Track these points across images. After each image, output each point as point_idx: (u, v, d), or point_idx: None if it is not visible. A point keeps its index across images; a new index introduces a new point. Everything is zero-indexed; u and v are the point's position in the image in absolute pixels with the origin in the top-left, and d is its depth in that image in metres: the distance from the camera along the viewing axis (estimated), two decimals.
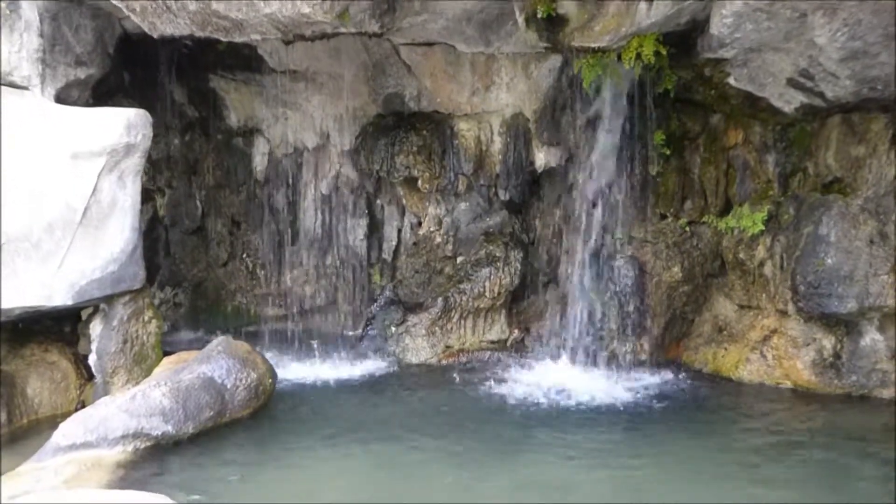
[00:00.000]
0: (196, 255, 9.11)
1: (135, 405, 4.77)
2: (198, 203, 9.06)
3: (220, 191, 8.97)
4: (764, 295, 6.65)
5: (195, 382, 5.05)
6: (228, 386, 5.23)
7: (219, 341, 5.65)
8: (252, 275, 9.01)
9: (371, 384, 6.65)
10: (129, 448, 4.73)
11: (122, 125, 6.16)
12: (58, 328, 6.88)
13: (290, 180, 8.86)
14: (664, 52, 5.55)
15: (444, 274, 7.78)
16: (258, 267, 9.01)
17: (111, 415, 4.73)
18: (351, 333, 8.64)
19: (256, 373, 5.43)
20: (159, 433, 4.78)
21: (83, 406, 6.48)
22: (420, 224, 8.17)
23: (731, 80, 6.28)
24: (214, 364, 5.28)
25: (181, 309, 9.10)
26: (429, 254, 8.01)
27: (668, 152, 6.75)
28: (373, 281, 8.78)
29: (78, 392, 6.64)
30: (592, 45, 5.49)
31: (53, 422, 6.29)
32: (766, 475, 4.72)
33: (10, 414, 6.17)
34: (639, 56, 5.45)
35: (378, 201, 8.72)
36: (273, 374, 5.74)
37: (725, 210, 7.01)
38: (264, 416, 5.58)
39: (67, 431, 4.69)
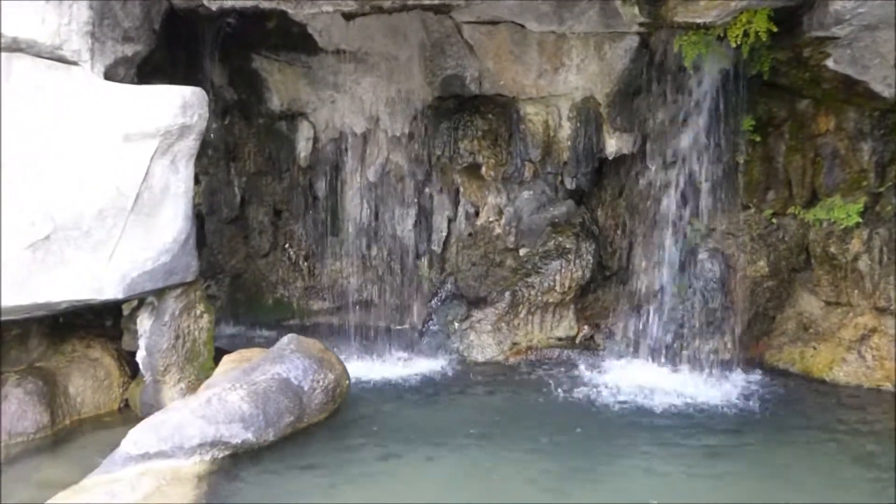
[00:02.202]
0: (234, 245, 8.66)
1: (211, 410, 4.34)
2: (236, 191, 8.61)
3: (261, 178, 8.52)
4: (857, 291, 6.26)
5: (272, 385, 4.62)
6: (305, 388, 4.80)
7: (289, 339, 5.21)
8: (295, 266, 8.57)
9: (439, 384, 6.24)
10: (207, 458, 4.30)
11: (178, 104, 5.71)
12: (99, 322, 6.49)
13: (336, 167, 8.44)
14: (774, 30, 5.12)
15: (504, 266, 7.36)
16: (301, 258, 8.57)
17: (186, 421, 4.29)
18: (398, 328, 8.24)
19: (333, 374, 5.00)
20: (239, 441, 4.35)
21: (126, 406, 6.10)
22: (477, 214, 7.74)
23: (830, 63, 5.87)
24: (289, 364, 4.84)
25: (218, 302, 8.64)
26: (487, 245, 7.58)
27: (757, 139, 6.33)
28: (421, 273, 8.36)
29: (121, 391, 6.25)
30: (697, 21, 5.07)
31: (97, 422, 5.94)
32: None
33: (54, 415, 5.77)
34: (745, 34, 5.02)
35: (427, 190, 8.28)
36: (348, 375, 5.32)
37: (811, 201, 6.60)
38: (339, 420, 5.16)
39: (138, 439, 4.26)
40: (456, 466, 4.64)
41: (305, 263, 8.56)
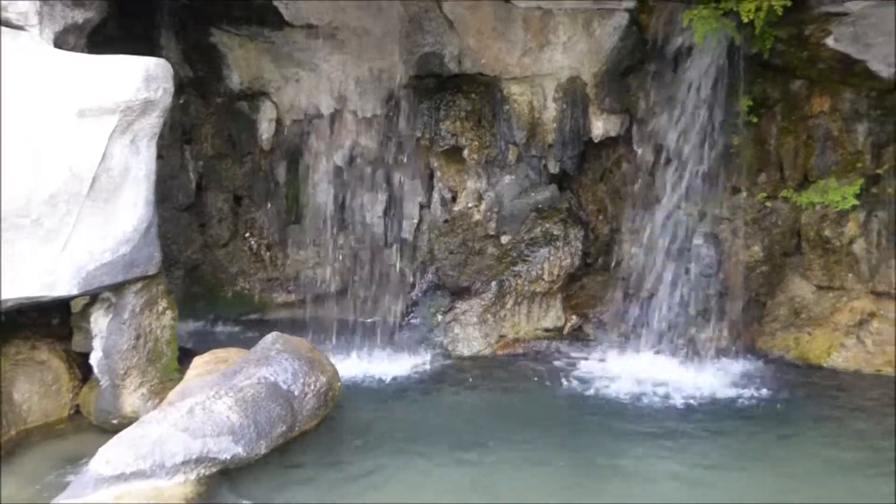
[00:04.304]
0: (190, 234, 8.04)
1: (196, 422, 3.83)
2: (192, 175, 7.98)
3: (219, 162, 7.92)
4: (851, 275, 6.14)
5: (260, 391, 4.13)
6: (296, 393, 4.32)
7: (274, 338, 4.71)
8: (257, 257, 8.01)
9: (429, 381, 5.84)
10: (192, 476, 3.78)
11: (140, 77, 5.11)
12: (45, 321, 5.86)
13: (301, 150, 7.91)
14: (789, 4, 4.88)
15: (485, 254, 7.00)
16: (263, 248, 8.02)
17: (167, 435, 3.77)
18: (369, 321, 7.79)
19: (325, 376, 4.54)
20: (228, 456, 3.85)
21: (77, 412, 5.50)
22: (455, 199, 7.34)
23: (830, 41, 5.72)
24: (277, 366, 4.35)
25: (173, 296, 8.00)
26: (465, 232, 7.20)
27: (754, 120, 6.13)
28: (391, 263, 7.92)
29: (71, 396, 5.66)
30: None
31: (47, 432, 5.36)
32: None
33: None
34: (758, 8, 4.76)
35: (396, 174, 7.84)
36: (339, 377, 4.85)
37: (802, 184, 6.45)
38: (330, 425, 4.71)
39: (112, 457, 3.72)
40: (460, 475, 4.29)
41: (268, 253, 8.02)
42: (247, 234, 7.99)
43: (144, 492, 3.63)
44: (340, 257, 7.93)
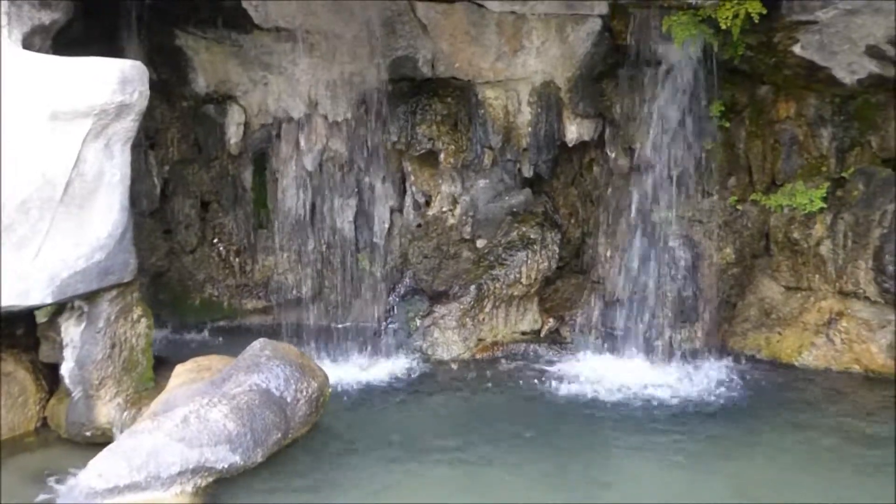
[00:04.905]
0: (154, 241, 7.83)
1: (191, 432, 3.73)
2: (156, 181, 7.78)
3: (186, 167, 7.73)
4: (818, 276, 6.33)
5: (254, 398, 4.05)
6: (289, 400, 4.25)
7: (262, 344, 4.62)
8: (225, 263, 7.84)
9: (411, 386, 5.82)
10: (189, 488, 3.69)
11: (115, 80, 4.98)
12: (8, 331, 5.66)
13: (269, 155, 7.79)
14: (764, 12, 5.02)
15: (460, 258, 6.99)
16: (232, 254, 7.87)
17: (162, 445, 3.67)
18: (341, 326, 7.72)
19: (317, 381, 4.47)
20: (226, 466, 3.77)
21: (44, 425, 5.34)
22: (428, 203, 7.33)
23: (797, 48, 5.90)
24: (268, 373, 4.28)
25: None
26: (440, 236, 7.19)
27: (726, 124, 6.28)
28: (361, 268, 7.86)
29: (38, 408, 5.48)
30: (689, 0, 4.89)
31: (15, 446, 5.21)
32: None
33: None
34: (736, 16, 4.89)
35: (367, 179, 7.78)
36: (328, 382, 4.79)
37: (770, 188, 6.63)
38: (320, 432, 4.64)
39: (105, 470, 3.60)
40: (454, 477, 4.32)
41: (237, 259, 7.86)
42: (215, 240, 7.82)
43: None
44: (311, 262, 7.84)
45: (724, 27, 5.10)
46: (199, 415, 3.84)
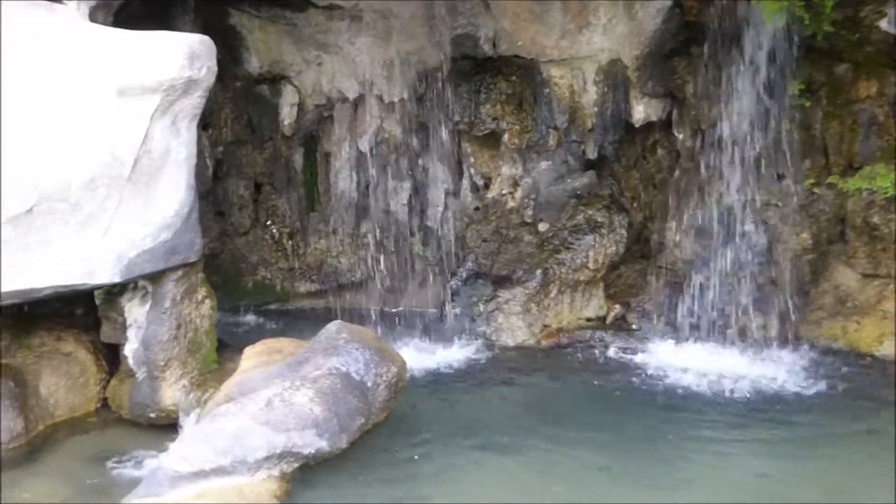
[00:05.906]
0: (207, 222, 7.65)
1: (277, 415, 3.60)
2: (208, 161, 7.69)
3: (239, 147, 7.64)
4: None
5: (336, 382, 3.91)
6: (369, 384, 4.10)
7: (337, 326, 4.48)
8: (278, 245, 7.75)
9: (479, 372, 5.69)
10: (276, 472, 3.56)
11: (184, 55, 4.84)
12: (68, 311, 5.60)
13: (319, 136, 7.65)
14: None
15: (521, 242, 6.81)
16: (285, 236, 7.76)
17: (247, 429, 3.55)
18: (394, 311, 7.59)
19: (395, 366, 4.32)
20: (312, 451, 3.63)
21: (105, 406, 5.27)
22: (487, 186, 7.15)
23: (883, 23, 5.63)
24: (347, 357, 4.13)
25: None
26: (499, 220, 7.01)
27: (806, 104, 6.03)
28: (415, 252, 7.71)
29: (98, 389, 5.40)
30: None
31: (76, 427, 5.08)
32: None
33: (27, 420, 4.90)
34: None
35: (421, 161, 7.62)
36: (406, 367, 4.65)
37: (846, 170, 6.37)
38: (397, 418, 4.51)
39: (189, 454, 3.48)
40: (538, 471, 4.16)
41: (290, 242, 7.76)
42: (268, 223, 7.73)
43: (226, 490, 3.41)
44: (364, 246, 7.71)
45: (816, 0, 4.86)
46: (284, 398, 3.71)
